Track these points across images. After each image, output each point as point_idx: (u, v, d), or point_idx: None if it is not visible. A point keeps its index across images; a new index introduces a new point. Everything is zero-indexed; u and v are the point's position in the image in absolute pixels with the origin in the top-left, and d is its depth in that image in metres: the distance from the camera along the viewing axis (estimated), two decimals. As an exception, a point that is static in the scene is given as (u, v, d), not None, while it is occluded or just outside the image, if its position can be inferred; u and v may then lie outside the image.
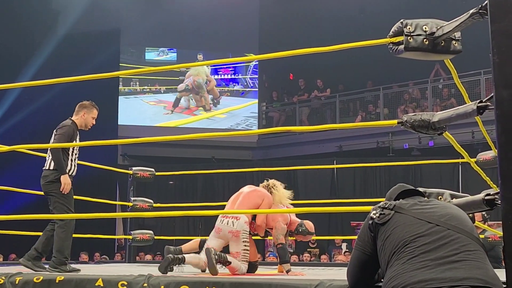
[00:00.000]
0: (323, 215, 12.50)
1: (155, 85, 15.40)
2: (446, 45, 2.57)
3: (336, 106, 14.78)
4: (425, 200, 2.36)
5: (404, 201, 2.33)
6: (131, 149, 14.54)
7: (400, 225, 2.19)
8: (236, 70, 15.78)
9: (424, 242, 2.10)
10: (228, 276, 3.73)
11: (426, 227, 2.14)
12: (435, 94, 13.93)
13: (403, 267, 2.07)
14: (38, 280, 3.15)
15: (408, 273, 2.03)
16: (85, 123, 4.97)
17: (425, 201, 2.32)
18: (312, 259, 10.79)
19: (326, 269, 5.61)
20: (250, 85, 15.82)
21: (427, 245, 2.08)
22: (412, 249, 2.09)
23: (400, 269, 2.07)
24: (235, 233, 4.39)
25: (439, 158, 10.25)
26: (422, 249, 2.08)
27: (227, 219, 4.47)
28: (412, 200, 2.33)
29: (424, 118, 2.67)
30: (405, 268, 2.06)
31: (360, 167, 12.17)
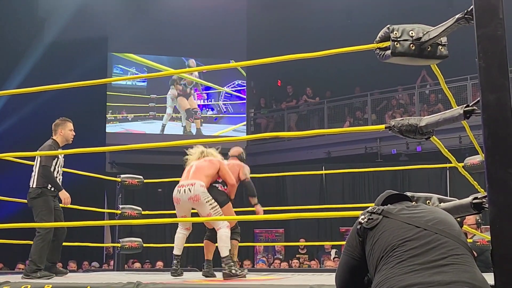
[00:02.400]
0: (312, 221, 12.52)
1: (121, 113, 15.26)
2: (432, 50, 2.59)
3: (324, 112, 14.82)
4: (413, 205, 2.36)
5: (392, 206, 2.33)
6: (119, 157, 14.48)
7: (388, 229, 2.19)
8: (209, 96, 15.76)
9: (412, 246, 2.10)
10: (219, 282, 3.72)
11: (414, 231, 2.15)
12: (422, 99, 14.00)
13: (391, 271, 2.07)
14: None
15: (396, 277, 2.03)
16: (66, 138, 5.26)
17: (413, 206, 2.33)
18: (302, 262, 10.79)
19: (315, 275, 5.61)
20: (223, 111, 15.78)
21: (415, 249, 2.09)
22: (400, 253, 2.10)
23: (389, 274, 2.07)
24: (194, 197, 4.67)
25: (427, 163, 10.30)
26: (410, 253, 2.08)
27: (183, 188, 4.76)
28: (400, 205, 2.34)
29: (411, 122, 2.68)
30: (393, 272, 2.06)
31: (348, 173, 12.19)
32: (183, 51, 15.35)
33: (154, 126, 15.27)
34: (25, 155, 4.85)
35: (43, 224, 4.84)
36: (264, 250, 13.08)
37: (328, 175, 12.80)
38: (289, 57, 3.04)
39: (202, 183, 4.73)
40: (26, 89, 3.69)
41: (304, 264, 11.04)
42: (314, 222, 12.72)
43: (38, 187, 5.07)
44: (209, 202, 4.67)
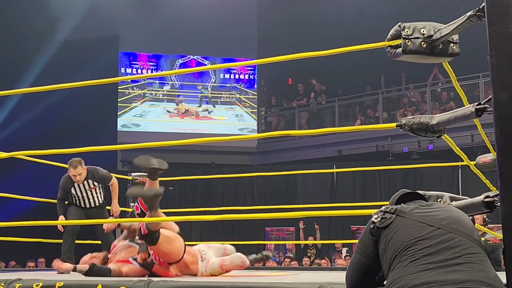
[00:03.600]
0: (323, 219, 12.49)
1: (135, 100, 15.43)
2: (444, 48, 2.57)
3: (335, 110, 14.79)
4: (426, 203, 2.35)
5: (406, 205, 2.33)
6: (131, 155, 14.51)
7: (402, 228, 2.19)
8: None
9: (426, 245, 2.09)
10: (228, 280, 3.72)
11: (428, 230, 2.14)
12: (434, 97, 13.94)
13: (404, 270, 2.07)
14: (38, 286, 3.14)
15: (409, 276, 2.03)
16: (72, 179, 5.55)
17: (426, 205, 2.32)
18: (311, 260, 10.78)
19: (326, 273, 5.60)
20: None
21: (428, 248, 2.08)
22: (413, 252, 2.09)
23: (402, 272, 2.07)
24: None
25: (438, 161, 10.26)
26: (424, 252, 2.08)
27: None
28: (413, 204, 2.33)
29: (422, 121, 2.67)
30: (406, 271, 2.06)
31: (359, 171, 12.16)
32: (193, 49, 15.37)
33: (165, 124, 15.33)
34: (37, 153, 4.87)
35: (51, 223, 4.92)
36: (275, 249, 13.07)
37: (339, 173, 12.77)
38: (300, 55, 3.03)
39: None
40: (38, 88, 3.71)
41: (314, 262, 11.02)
42: (325, 220, 12.69)
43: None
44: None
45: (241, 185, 13.91)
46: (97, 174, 5.61)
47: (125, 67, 15.28)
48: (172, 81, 15.63)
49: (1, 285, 3.18)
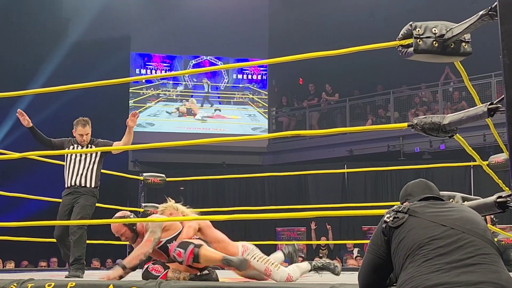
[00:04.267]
0: (335, 219, 12.47)
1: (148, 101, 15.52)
2: (455, 47, 2.56)
3: (346, 110, 14.76)
4: (440, 203, 2.34)
5: (418, 203, 2.32)
6: (142, 155, 14.58)
7: (414, 228, 2.18)
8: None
9: (439, 245, 2.09)
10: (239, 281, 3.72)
11: (441, 230, 2.13)
12: (445, 97, 13.87)
13: (417, 270, 2.06)
14: (50, 286, 3.15)
15: (422, 276, 2.03)
16: (77, 139, 5.23)
17: (440, 204, 2.31)
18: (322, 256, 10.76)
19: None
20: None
21: (441, 248, 2.07)
22: (426, 252, 2.09)
23: (415, 272, 2.06)
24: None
25: (450, 161, 10.20)
26: (437, 252, 2.07)
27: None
28: (427, 202, 2.32)
29: (434, 120, 2.66)
30: (419, 271, 2.05)
31: (371, 171, 12.12)
32: (205, 50, 15.41)
33: (178, 124, 15.39)
34: (48, 153, 4.92)
35: (60, 222, 4.87)
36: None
37: (350, 173, 12.74)
38: (311, 55, 3.02)
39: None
40: (50, 89, 3.73)
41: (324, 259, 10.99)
42: (336, 220, 12.67)
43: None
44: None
45: (252, 185, 13.91)
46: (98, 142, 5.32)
47: (139, 68, 15.39)
48: (185, 81, 15.72)
49: (14, 285, 3.20)
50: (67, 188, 5.09)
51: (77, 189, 5.07)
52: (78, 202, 5.03)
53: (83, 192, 5.08)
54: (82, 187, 5.07)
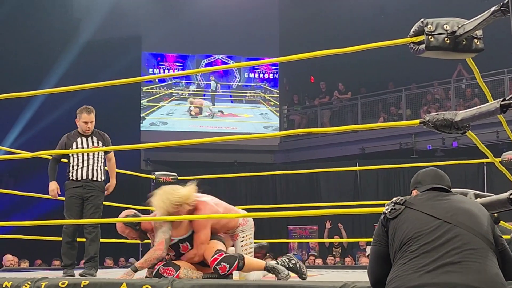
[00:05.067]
0: (347, 217, 12.43)
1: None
2: (467, 44, 2.55)
3: (358, 108, 14.72)
4: (443, 194, 2.33)
5: (421, 194, 2.33)
6: (154, 154, 14.62)
7: (408, 220, 2.21)
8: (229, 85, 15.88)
9: (426, 241, 2.10)
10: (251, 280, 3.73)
11: (431, 224, 2.14)
12: (458, 94, 13.79)
13: (403, 269, 2.09)
14: (64, 285, 3.17)
15: (406, 276, 2.06)
16: (81, 129, 5.14)
17: (442, 196, 2.30)
18: (337, 259, 10.74)
19: (350, 272, 5.58)
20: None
21: (427, 245, 2.09)
22: (414, 248, 2.11)
23: (400, 271, 2.10)
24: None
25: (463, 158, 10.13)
26: (423, 248, 2.09)
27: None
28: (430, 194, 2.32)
29: (446, 117, 2.65)
30: (404, 270, 2.08)
31: (383, 169, 12.06)
32: (215, 48, 15.44)
33: (191, 122, 15.45)
34: (61, 152, 4.94)
35: (70, 221, 4.85)
36: (298, 247, 13.06)
37: (362, 171, 12.69)
38: (321, 52, 3.02)
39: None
40: (62, 88, 3.75)
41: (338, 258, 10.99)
42: (348, 218, 12.63)
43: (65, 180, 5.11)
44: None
45: (264, 183, 13.91)
46: (102, 134, 5.24)
47: (152, 67, 15.49)
48: (197, 80, 15.79)
49: (28, 283, 3.23)
50: (76, 181, 5.03)
51: (88, 183, 5.04)
52: (90, 201, 5.02)
53: (94, 187, 5.07)
54: (94, 181, 5.06)
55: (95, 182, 5.07)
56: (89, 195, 5.03)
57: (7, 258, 9.16)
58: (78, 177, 5.03)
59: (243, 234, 4.21)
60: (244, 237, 4.22)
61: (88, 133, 5.13)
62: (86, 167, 5.06)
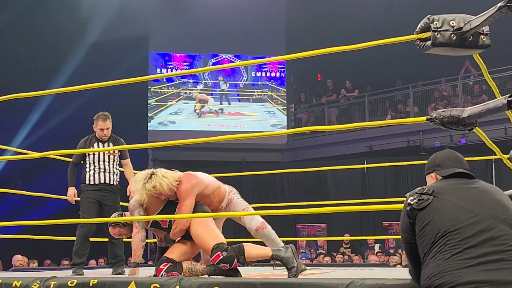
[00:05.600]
0: (355, 216, 12.43)
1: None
2: (474, 40, 2.54)
3: (365, 106, 14.69)
4: (468, 181, 2.30)
5: (445, 182, 2.29)
6: (162, 154, 14.64)
7: (440, 211, 2.15)
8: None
9: (467, 234, 2.06)
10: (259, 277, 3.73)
11: (467, 216, 2.10)
12: (465, 91, 13.75)
13: (447, 264, 2.03)
14: (72, 284, 3.18)
15: (454, 272, 2.00)
16: (98, 135, 5.26)
17: (468, 183, 2.27)
18: (345, 258, 10.72)
19: (358, 269, 5.57)
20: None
21: (469, 239, 2.05)
22: (454, 242, 2.06)
23: (445, 266, 2.04)
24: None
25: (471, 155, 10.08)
26: (466, 243, 2.04)
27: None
28: (455, 181, 2.29)
29: (453, 114, 2.65)
30: (450, 265, 2.03)
31: (391, 167, 12.05)
32: (223, 48, 15.46)
33: (199, 121, 15.48)
34: (68, 152, 4.96)
35: (82, 220, 4.93)
36: (306, 245, 13.05)
37: (370, 169, 12.69)
38: (328, 50, 3.01)
39: None
40: (70, 88, 3.76)
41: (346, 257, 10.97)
42: (357, 216, 12.62)
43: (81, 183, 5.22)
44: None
45: (272, 182, 13.91)
46: (118, 139, 5.32)
47: (160, 67, 15.55)
48: (205, 80, 15.83)
49: (37, 282, 3.24)
50: (93, 185, 5.15)
51: (105, 187, 5.18)
52: (110, 205, 5.16)
53: (111, 191, 5.23)
54: (110, 185, 5.20)
55: (112, 186, 5.23)
56: (108, 199, 5.19)
57: (16, 258, 9.21)
58: (96, 181, 5.18)
59: (236, 195, 4.23)
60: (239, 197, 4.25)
61: (104, 139, 5.26)
62: (103, 172, 5.20)
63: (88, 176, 5.18)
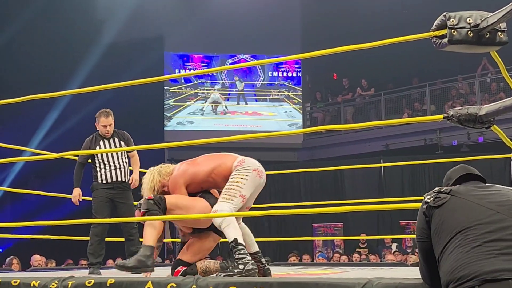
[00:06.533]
0: (372, 215, 12.37)
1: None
2: (491, 37, 2.51)
3: (382, 104, 14.62)
4: (483, 185, 2.30)
5: (462, 185, 2.28)
6: (178, 154, 14.66)
7: (458, 209, 2.14)
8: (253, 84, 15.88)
9: (486, 230, 2.04)
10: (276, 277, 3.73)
11: (486, 214, 2.09)
12: (483, 89, 13.63)
13: (468, 256, 2.01)
14: (90, 283, 3.20)
15: (477, 262, 1.98)
16: (101, 132, 5.27)
17: (484, 187, 2.27)
18: (362, 257, 10.68)
19: (375, 269, 5.55)
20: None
21: (489, 234, 2.03)
22: (473, 237, 2.04)
23: (466, 258, 2.01)
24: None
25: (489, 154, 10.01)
26: (485, 237, 2.02)
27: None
28: (471, 184, 2.28)
29: (470, 111, 2.62)
30: (471, 257, 2.00)
31: (408, 165, 11.95)
32: (239, 48, 15.51)
33: (216, 121, 15.55)
34: (85, 153, 5.00)
35: (95, 220, 4.94)
36: (323, 245, 13.03)
37: (387, 168, 12.62)
38: (343, 48, 3.00)
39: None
40: (86, 89, 3.78)
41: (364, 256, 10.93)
42: (373, 215, 12.57)
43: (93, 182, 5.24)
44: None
45: (288, 181, 13.90)
46: (122, 133, 5.34)
47: (178, 68, 15.69)
48: (222, 80, 15.92)
49: (55, 282, 3.26)
50: (106, 183, 5.17)
51: (118, 185, 5.20)
52: (123, 202, 5.19)
53: (124, 188, 5.24)
54: (123, 183, 5.22)
55: (124, 183, 5.23)
56: (121, 196, 5.20)
57: (35, 258, 9.28)
58: (108, 180, 5.19)
59: (234, 173, 3.86)
60: (234, 175, 3.83)
61: (108, 135, 5.24)
62: (114, 169, 5.21)
63: (100, 175, 5.19)
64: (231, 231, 3.63)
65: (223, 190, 3.78)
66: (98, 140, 5.26)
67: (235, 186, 3.77)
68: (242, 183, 3.80)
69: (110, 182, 5.18)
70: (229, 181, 3.79)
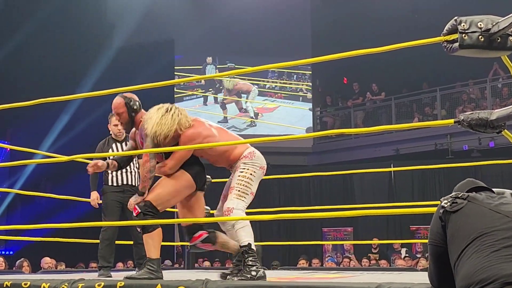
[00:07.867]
0: (382, 219, 12.33)
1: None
2: (502, 42, 2.51)
3: (392, 109, 14.58)
4: (495, 194, 2.30)
5: (477, 194, 2.28)
6: (187, 157, 14.73)
7: (474, 215, 2.14)
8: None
9: (503, 236, 2.04)
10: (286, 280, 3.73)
11: (503, 220, 2.09)
12: (494, 93, 13.57)
13: (487, 260, 2.01)
14: (100, 286, 3.21)
15: (497, 265, 1.98)
16: (113, 133, 5.30)
17: (498, 196, 2.27)
18: (372, 262, 10.65)
19: (385, 273, 5.53)
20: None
21: (507, 239, 2.03)
22: (491, 242, 2.04)
23: (486, 262, 2.01)
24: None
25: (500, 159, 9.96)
26: (503, 243, 2.02)
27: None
28: (485, 194, 2.28)
29: (481, 116, 2.62)
30: (491, 261, 2.00)
31: (418, 170, 11.92)
32: (248, 51, 15.50)
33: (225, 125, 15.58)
34: (95, 155, 5.02)
35: (104, 223, 4.98)
36: (332, 249, 12.99)
37: (397, 172, 12.57)
38: (354, 53, 3.00)
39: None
40: (97, 92, 3.80)
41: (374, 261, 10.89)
42: (383, 220, 12.52)
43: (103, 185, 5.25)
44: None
45: (297, 185, 13.88)
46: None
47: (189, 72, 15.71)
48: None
49: (65, 284, 3.28)
50: (116, 186, 5.18)
51: (128, 188, 5.19)
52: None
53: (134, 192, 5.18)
54: (133, 186, 5.19)
55: (134, 187, 5.19)
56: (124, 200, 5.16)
57: (45, 260, 9.32)
58: (119, 183, 5.20)
59: (244, 166, 3.88)
60: (244, 169, 3.86)
61: (120, 137, 5.25)
62: (124, 172, 5.21)
63: (110, 177, 5.20)
64: (245, 234, 3.67)
65: (235, 185, 3.82)
66: (111, 143, 5.29)
67: (246, 182, 3.82)
68: (251, 180, 3.87)
69: (121, 185, 5.18)
70: (240, 175, 3.82)
